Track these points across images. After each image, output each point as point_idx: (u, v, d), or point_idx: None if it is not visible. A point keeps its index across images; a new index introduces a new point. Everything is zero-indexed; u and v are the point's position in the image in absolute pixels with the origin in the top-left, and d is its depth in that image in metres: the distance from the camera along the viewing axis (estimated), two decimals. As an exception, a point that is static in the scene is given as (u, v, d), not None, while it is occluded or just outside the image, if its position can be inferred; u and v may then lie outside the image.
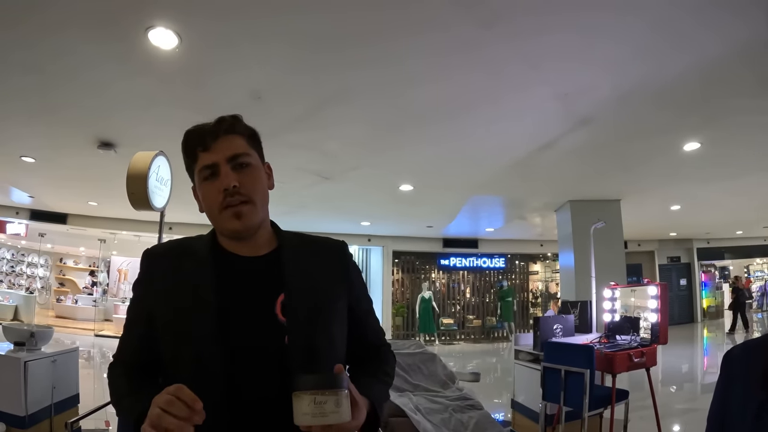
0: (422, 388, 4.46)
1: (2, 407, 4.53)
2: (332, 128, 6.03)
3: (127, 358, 1.30)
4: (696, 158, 7.01)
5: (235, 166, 1.27)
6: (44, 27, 3.79)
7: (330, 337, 1.30)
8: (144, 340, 1.28)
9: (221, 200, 1.25)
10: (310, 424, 1.00)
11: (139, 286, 1.33)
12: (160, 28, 3.79)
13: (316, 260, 1.37)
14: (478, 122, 5.72)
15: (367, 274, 16.58)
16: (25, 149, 7.27)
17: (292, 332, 1.22)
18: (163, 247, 1.39)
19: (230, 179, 1.25)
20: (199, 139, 1.29)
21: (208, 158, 1.27)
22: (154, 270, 1.32)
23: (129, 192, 4.00)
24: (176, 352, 1.21)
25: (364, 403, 1.15)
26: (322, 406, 0.99)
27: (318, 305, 1.29)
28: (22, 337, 4.77)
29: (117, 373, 1.28)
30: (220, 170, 1.26)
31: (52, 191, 10.64)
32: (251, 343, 1.20)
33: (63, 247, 18.33)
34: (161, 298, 1.26)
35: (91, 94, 5.09)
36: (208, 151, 1.27)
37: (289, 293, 1.26)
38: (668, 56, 4.15)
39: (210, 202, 1.28)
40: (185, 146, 1.32)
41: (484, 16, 3.62)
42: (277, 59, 4.35)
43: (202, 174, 1.29)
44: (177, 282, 1.26)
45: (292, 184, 8.55)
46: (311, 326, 1.26)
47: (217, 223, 1.30)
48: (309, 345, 1.23)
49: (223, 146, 1.28)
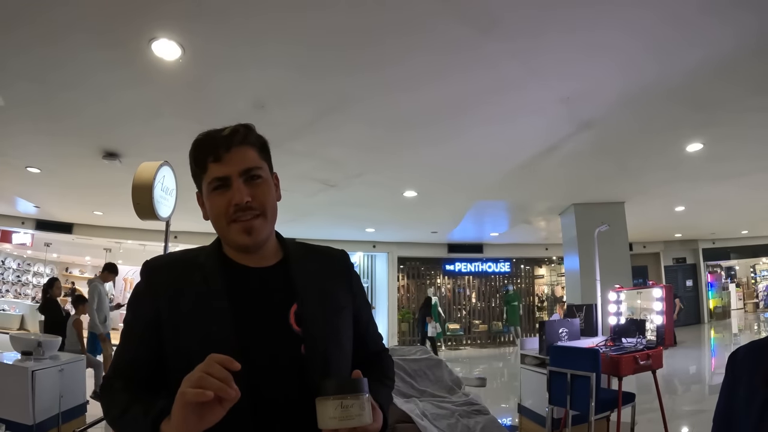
0: (429, 394, 4.46)
1: (10, 416, 4.55)
2: (336, 136, 6.06)
3: (127, 373, 1.23)
4: (699, 158, 7.01)
5: (247, 180, 1.25)
6: (47, 37, 3.83)
7: (341, 345, 1.31)
8: (148, 353, 1.22)
9: (231, 213, 1.23)
10: (337, 428, 1.02)
11: (141, 297, 1.28)
12: (163, 40, 3.82)
13: (322, 270, 1.37)
14: (481, 127, 5.73)
15: (373, 281, 16.60)
16: (31, 160, 7.31)
17: (309, 341, 1.22)
18: (166, 258, 1.35)
19: (243, 194, 1.23)
20: (210, 149, 1.26)
21: (219, 170, 1.24)
22: (159, 281, 1.27)
23: (135, 202, 4.01)
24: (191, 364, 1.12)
25: (377, 408, 1.16)
26: (348, 409, 1.01)
27: (329, 314, 1.30)
28: (29, 347, 4.80)
29: (116, 388, 1.20)
30: (232, 183, 1.24)
31: (57, 201, 10.68)
32: (269, 354, 1.19)
33: (69, 256, 18.36)
34: (170, 309, 1.22)
35: (95, 106, 5.13)
36: (219, 163, 1.24)
37: (302, 303, 1.26)
38: (672, 57, 4.16)
39: (218, 213, 1.26)
40: (195, 155, 1.29)
41: (484, 20, 3.65)
42: (279, 68, 4.38)
43: (212, 185, 1.26)
44: (187, 294, 1.23)
45: (297, 191, 8.57)
46: (324, 335, 1.26)
47: (225, 235, 1.28)
48: (324, 353, 1.23)
49: (236, 159, 1.25)
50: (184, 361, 1.14)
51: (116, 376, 1.23)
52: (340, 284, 1.39)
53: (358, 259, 16.54)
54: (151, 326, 1.22)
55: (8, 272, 17.39)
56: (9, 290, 17.09)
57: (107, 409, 1.20)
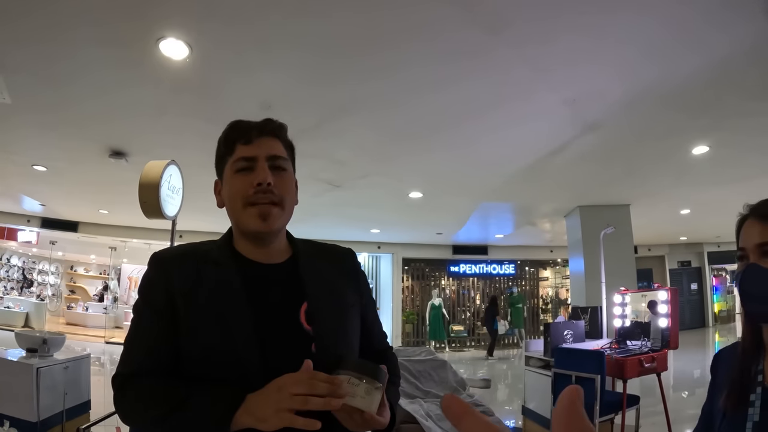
0: (433, 395, 4.45)
1: (15, 413, 4.56)
2: (342, 137, 6.07)
3: (148, 364, 1.19)
4: (705, 161, 6.99)
5: (272, 166, 1.27)
6: (55, 35, 3.84)
7: (350, 343, 1.32)
8: (166, 342, 1.19)
9: (251, 194, 1.24)
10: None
11: (151, 288, 1.25)
12: (171, 39, 3.84)
13: (330, 268, 1.38)
14: (486, 128, 5.73)
15: (377, 282, 16.59)
16: (37, 158, 7.35)
17: (319, 340, 1.23)
18: (175, 251, 1.33)
19: (266, 175, 1.24)
20: (242, 132, 1.29)
21: (247, 151, 1.27)
22: (170, 272, 1.24)
23: (141, 201, 4.02)
24: (208, 359, 1.16)
25: (386, 405, 1.16)
26: (354, 387, 1.03)
27: (338, 312, 1.31)
28: (34, 344, 4.80)
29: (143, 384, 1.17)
30: (257, 165, 1.26)
31: (63, 199, 10.72)
32: (281, 351, 1.19)
33: (74, 254, 18.42)
34: (187, 303, 1.20)
35: (102, 104, 5.14)
36: (249, 145, 1.27)
37: (312, 301, 1.26)
38: (677, 59, 4.15)
39: (236, 195, 1.26)
40: (226, 136, 1.32)
41: (490, 22, 3.64)
42: (286, 69, 4.38)
43: (236, 165, 1.27)
44: (204, 288, 1.22)
45: (303, 192, 8.39)
46: (335, 333, 1.27)
47: (239, 218, 1.28)
48: (334, 351, 1.23)
49: (266, 144, 1.29)
50: (204, 354, 1.17)
51: (138, 371, 1.19)
52: (348, 283, 1.40)
53: (363, 260, 16.48)
54: (166, 315, 1.20)
55: (13, 270, 17.45)
56: (14, 288, 17.15)
57: (137, 409, 1.18)
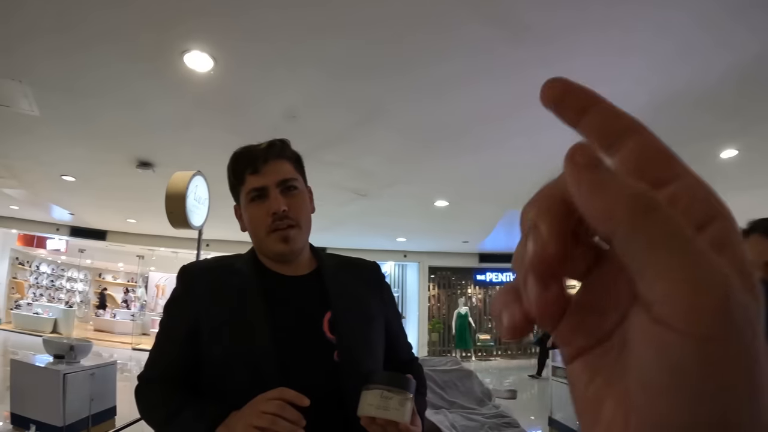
0: (458, 405, 4.42)
1: (41, 417, 4.64)
2: (367, 145, 6.06)
3: (163, 372, 1.29)
4: (733, 165, 6.84)
5: (283, 190, 1.30)
6: (83, 48, 3.90)
7: (373, 354, 1.34)
8: (185, 354, 1.26)
9: (270, 223, 1.28)
10: (373, 415, 1.06)
11: (178, 300, 1.32)
12: (196, 52, 3.86)
13: (354, 280, 1.40)
14: (512, 134, 5.66)
15: (403, 290, 16.53)
16: (66, 168, 7.48)
17: (342, 349, 1.25)
18: (203, 264, 1.41)
19: (280, 203, 1.27)
20: (248, 162, 1.31)
21: (257, 181, 1.30)
22: (197, 285, 1.31)
23: (168, 211, 4.07)
24: (229, 366, 1.21)
25: (417, 414, 1.18)
26: (387, 401, 1.06)
27: (361, 323, 1.33)
28: (61, 350, 4.87)
29: (157, 390, 1.27)
30: (269, 193, 1.29)
31: (91, 209, 10.89)
32: (303, 360, 1.22)
33: (102, 262, 18.71)
34: (209, 312, 1.26)
35: (129, 116, 5.21)
36: (257, 174, 1.30)
37: (336, 311, 1.28)
38: (705, 60, 4.05)
39: (257, 224, 1.31)
40: (233, 167, 1.35)
41: (516, 27, 3.61)
42: (310, 79, 4.38)
43: (249, 195, 1.31)
44: (226, 300, 1.26)
45: (329, 201, 8.58)
46: (358, 343, 1.29)
47: (263, 245, 1.32)
48: (356, 361, 1.26)
49: (273, 170, 1.31)
50: (222, 366, 1.22)
51: (154, 377, 1.29)
52: (372, 294, 1.42)
53: (389, 269, 16.47)
54: (189, 330, 1.26)
55: (42, 277, 17.74)
56: (43, 294, 17.43)
57: (146, 409, 1.27)
